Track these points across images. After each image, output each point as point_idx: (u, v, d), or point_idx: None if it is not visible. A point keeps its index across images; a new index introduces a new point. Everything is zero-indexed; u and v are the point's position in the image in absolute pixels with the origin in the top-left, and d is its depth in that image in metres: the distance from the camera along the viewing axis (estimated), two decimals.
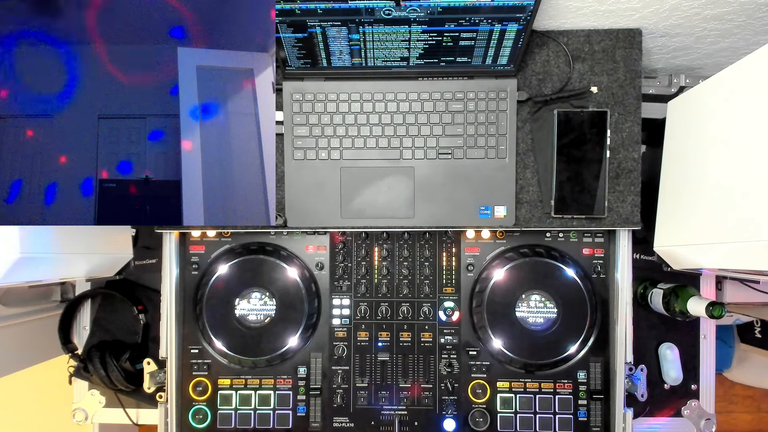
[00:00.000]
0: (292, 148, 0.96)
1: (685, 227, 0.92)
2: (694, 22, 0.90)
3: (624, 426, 0.97)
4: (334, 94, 0.95)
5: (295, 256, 1.05)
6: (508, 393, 1.02)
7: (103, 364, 1.06)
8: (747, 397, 2.04)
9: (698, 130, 0.90)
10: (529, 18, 0.81)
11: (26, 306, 1.15)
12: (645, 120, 0.97)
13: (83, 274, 1.00)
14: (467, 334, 1.03)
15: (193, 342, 1.04)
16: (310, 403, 1.03)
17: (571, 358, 1.01)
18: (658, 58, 1.06)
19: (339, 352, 1.03)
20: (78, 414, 1.15)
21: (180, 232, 1.03)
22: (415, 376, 1.03)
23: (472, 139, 0.95)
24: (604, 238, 1.03)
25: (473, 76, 0.94)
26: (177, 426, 1.02)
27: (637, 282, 1.12)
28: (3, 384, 1.26)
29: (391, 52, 0.88)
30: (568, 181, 0.92)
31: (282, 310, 1.01)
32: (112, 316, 1.17)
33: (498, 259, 1.03)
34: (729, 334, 1.57)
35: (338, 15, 0.80)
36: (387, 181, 0.96)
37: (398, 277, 1.04)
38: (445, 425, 1.01)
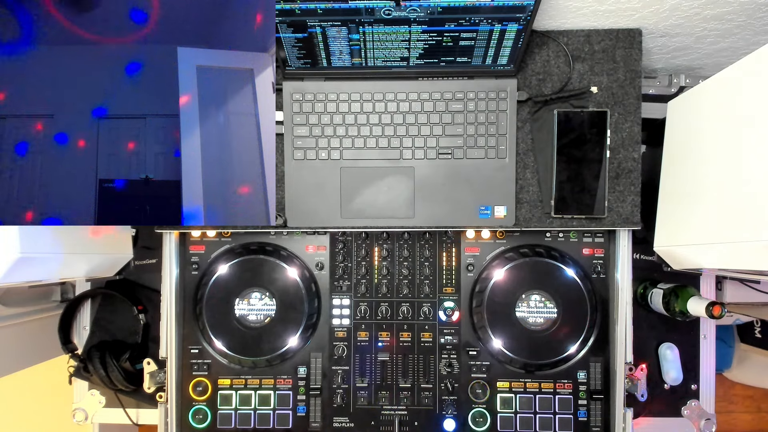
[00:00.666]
0: (292, 148, 0.96)
1: (685, 227, 0.92)
2: (694, 22, 0.90)
3: (624, 426, 0.97)
4: (334, 94, 0.95)
5: (295, 256, 1.05)
6: (508, 393, 1.02)
7: (103, 364, 1.06)
8: (747, 397, 2.04)
9: (698, 130, 0.90)
10: (529, 18, 0.81)
11: (26, 306, 1.15)
12: (645, 120, 0.97)
13: (83, 274, 1.00)
14: (467, 334, 1.03)
15: (193, 342, 1.04)
16: (310, 403, 1.03)
17: (571, 358, 1.01)
18: (658, 58, 1.06)
19: (339, 352, 1.03)
20: (78, 414, 1.15)
21: (180, 232, 1.03)
22: (415, 376, 1.03)
23: (472, 139, 0.95)
24: (604, 238, 1.03)
25: (473, 76, 0.94)
26: (177, 426, 1.02)
27: (637, 282, 1.12)
28: (3, 384, 1.26)
29: (391, 52, 0.88)
30: (568, 181, 0.92)
31: (282, 310, 1.01)
32: (112, 316, 1.17)
33: (498, 259, 1.03)
34: (729, 334, 1.57)
35: (338, 15, 0.80)
36: (387, 181, 0.96)
37: (398, 277, 1.04)
38: (445, 425, 1.01)
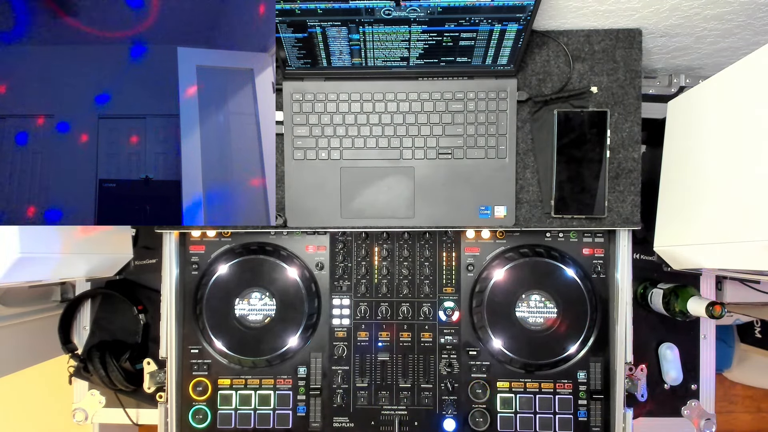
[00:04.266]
0: (292, 148, 0.96)
1: (684, 227, 0.92)
2: (694, 22, 0.90)
3: (624, 426, 0.97)
4: (334, 94, 0.95)
5: (295, 256, 1.05)
6: (508, 393, 1.02)
7: (103, 364, 1.06)
8: (747, 397, 2.04)
9: (698, 130, 0.90)
10: (529, 18, 0.81)
11: (26, 306, 1.15)
12: (645, 120, 0.97)
13: (83, 274, 1.00)
14: (467, 334, 1.03)
15: (193, 342, 1.04)
16: (310, 403, 1.03)
17: (571, 358, 1.01)
18: (658, 58, 1.06)
19: (339, 352, 1.03)
20: (78, 414, 1.15)
21: (180, 232, 1.03)
22: (415, 376, 1.03)
23: (472, 139, 0.95)
24: (604, 238, 1.03)
25: (473, 76, 0.94)
26: (177, 426, 1.02)
27: (637, 282, 1.12)
28: (3, 384, 1.26)
29: (391, 52, 0.88)
30: (568, 181, 0.92)
31: (282, 310, 1.01)
32: (112, 316, 1.17)
33: (498, 259, 1.03)
34: (729, 334, 1.57)
35: (338, 15, 0.80)
36: (387, 181, 0.96)
37: (398, 277, 1.04)
38: (445, 425, 1.01)
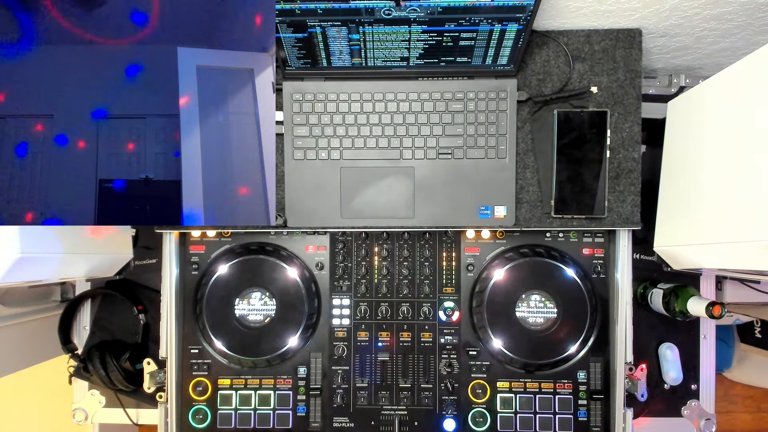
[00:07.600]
0: (292, 148, 0.96)
1: (685, 227, 0.92)
2: (694, 22, 0.90)
3: (624, 426, 0.97)
4: (334, 94, 0.95)
5: (295, 256, 1.05)
6: (508, 393, 1.02)
7: (103, 364, 1.06)
8: (747, 397, 2.04)
9: (698, 130, 0.90)
10: (529, 18, 0.81)
11: (26, 306, 1.15)
12: (645, 120, 0.97)
13: (83, 274, 1.00)
14: (467, 334, 1.03)
15: (193, 342, 1.04)
16: (310, 403, 1.03)
17: (571, 358, 1.01)
18: (658, 58, 1.06)
19: (339, 352, 1.03)
20: (78, 414, 1.15)
21: (180, 232, 1.03)
22: (415, 376, 1.03)
23: (472, 139, 0.95)
24: (604, 238, 1.03)
25: (473, 76, 0.94)
26: (177, 426, 1.02)
27: (637, 282, 1.11)
28: (3, 384, 1.25)
29: (391, 52, 0.88)
30: (568, 181, 0.92)
31: (282, 310, 1.01)
32: (112, 316, 1.16)
33: (498, 259, 1.03)
34: (729, 334, 1.57)
35: (338, 15, 0.80)
36: (387, 181, 0.96)
37: (398, 277, 1.04)
38: (445, 425, 1.01)
